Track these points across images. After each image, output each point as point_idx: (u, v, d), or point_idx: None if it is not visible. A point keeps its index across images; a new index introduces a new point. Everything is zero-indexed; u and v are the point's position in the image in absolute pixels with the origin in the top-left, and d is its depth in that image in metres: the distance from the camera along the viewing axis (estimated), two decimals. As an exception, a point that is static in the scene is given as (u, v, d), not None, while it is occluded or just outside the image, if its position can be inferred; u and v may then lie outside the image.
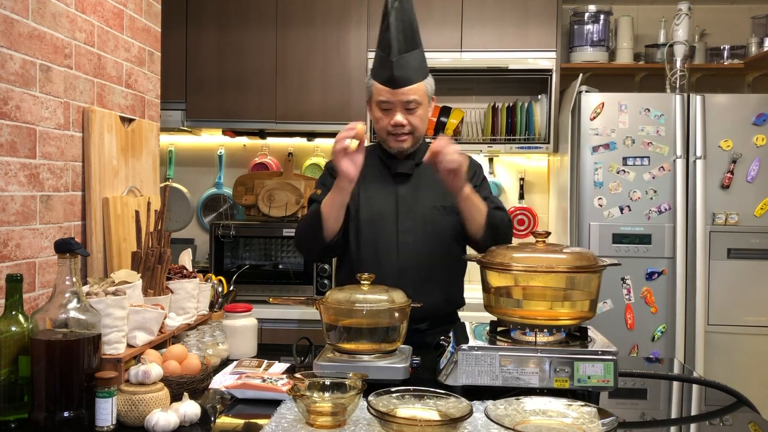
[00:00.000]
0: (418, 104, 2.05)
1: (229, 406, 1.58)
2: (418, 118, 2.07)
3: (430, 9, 3.42)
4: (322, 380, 1.50)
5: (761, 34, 3.50)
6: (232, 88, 3.48)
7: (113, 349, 1.57)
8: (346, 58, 3.45)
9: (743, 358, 3.08)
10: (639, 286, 3.10)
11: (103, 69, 2.11)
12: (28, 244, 1.72)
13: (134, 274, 1.78)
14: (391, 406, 1.40)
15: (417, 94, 2.03)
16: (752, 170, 3.08)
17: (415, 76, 2.03)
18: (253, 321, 2.06)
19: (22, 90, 1.70)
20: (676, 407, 1.82)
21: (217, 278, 2.21)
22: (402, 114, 2.04)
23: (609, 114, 3.13)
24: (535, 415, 1.40)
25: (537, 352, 1.59)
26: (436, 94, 3.22)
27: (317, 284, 3.29)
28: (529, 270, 1.69)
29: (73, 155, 1.94)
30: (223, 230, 3.31)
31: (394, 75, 1.99)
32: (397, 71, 1.99)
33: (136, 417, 1.41)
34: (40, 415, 1.37)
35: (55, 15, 1.84)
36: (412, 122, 2.06)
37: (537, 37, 3.39)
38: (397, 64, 1.99)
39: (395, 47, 1.98)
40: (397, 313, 1.73)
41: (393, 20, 1.99)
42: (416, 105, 2.04)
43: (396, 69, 1.99)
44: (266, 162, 3.77)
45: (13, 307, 1.44)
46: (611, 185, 3.12)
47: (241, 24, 3.47)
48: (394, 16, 1.99)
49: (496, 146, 3.46)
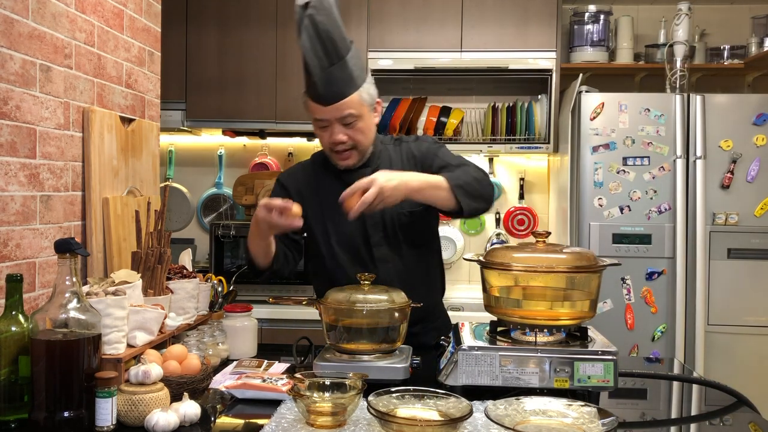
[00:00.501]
0: (356, 117, 1.90)
1: (229, 406, 1.58)
2: (359, 132, 1.93)
3: (430, 9, 3.42)
4: (322, 380, 1.50)
5: (761, 34, 3.50)
6: (232, 88, 3.48)
7: (113, 349, 1.57)
8: (346, 58, 3.44)
9: (743, 358, 3.08)
10: (639, 286, 3.10)
11: (103, 69, 2.11)
12: (28, 244, 1.72)
13: (134, 274, 1.78)
14: (391, 406, 1.40)
15: (351, 107, 1.89)
16: (752, 170, 3.08)
17: (344, 89, 1.88)
18: (253, 321, 2.06)
19: (22, 90, 1.70)
20: (676, 407, 1.82)
21: (217, 278, 2.21)
22: (340, 130, 1.92)
23: (609, 114, 3.13)
24: (535, 415, 1.40)
25: (537, 352, 1.59)
26: (436, 94, 3.18)
27: (317, 284, 3.29)
28: (529, 270, 1.69)
29: (73, 155, 1.94)
30: (223, 230, 3.31)
31: (320, 93, 1.86)
32: (323, 88, 1.86)
33: (136, 417, 1.42)
34: (40, 415, 1.38)
35: (55, 15, 1.84)
36: (353, 137, 1.93)
37: (537, 37, 3.39)
38: (321, 81, 1.85)
39: (315, 64, 1.84)
40: (397, 313, 1.73)
41: (306, 38, 1.84)
42: (353, 118, 1.90)
43: (321, 86, 1.85)
44: (266, 162, 3.77)
45: (13, 307, 1.44)
46: (611, 185, 3.12)
47: (241, 24, 3.47)
48: (306, 34, 1.84)
49: (496, 146, 3.46)
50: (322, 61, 1.85)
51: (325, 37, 1.85)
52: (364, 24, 3.43)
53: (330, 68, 1.85)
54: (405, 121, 3.45)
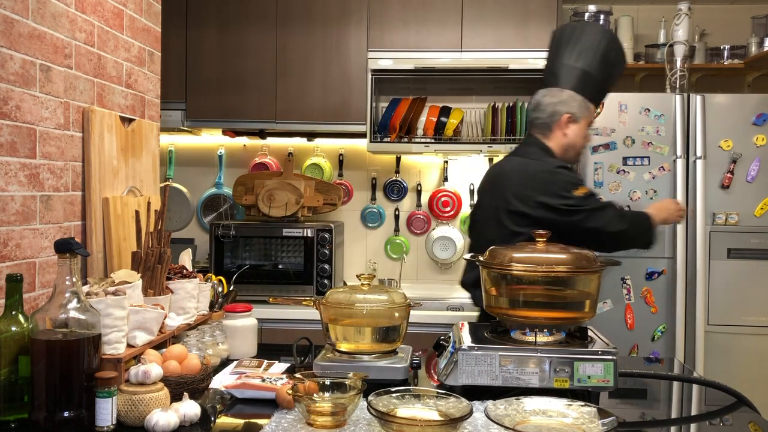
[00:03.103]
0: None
1: (229, 406, 1.58)
2: None
3: (430, 9, 3.42)
4: (322, 380, 1.50)
5: (761, 34, 3.50)
6: (232, 88, 3.48)
7: (113, 349, 1.57)
8: (346, 58, 3.45)
9: (743, 358, 3.08)
10: (639, 286, 3.10)
11: (103, 69, 2.11)
12: (28, 244, 1.73)
13: (134, 274, 1.78)
14: (391, 406, 1.40)
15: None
16: (752, 170, 3.08)
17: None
18: (253, 321, 2.06)
19: (22, 90, 1.70)
20: (676, 407, 1.82)
21: (217, 278, 2.21)
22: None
23: (609, 114, 3.13)
24: (535, 415, 1.41)
25: (537, 352, 1.59)
26: (436, 94, 3.30)
27: (317, 284, 3.29)
28: (529, 270, 1.69)
29: (73, 155, 1.94)
30: (223, 230, 3.31)
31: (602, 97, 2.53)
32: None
33: (136, 417, 1.42)
34: (40, 415, 1.38)
35: (55, 15, 1.84)
36: None
37: (537, 37, 3.39)
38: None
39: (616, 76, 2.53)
40: (397, 313, 1.73)
41: (615, 56, 2.49)
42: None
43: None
44: (266, 162, 3.77)
45: (13, 307, 1.44)
46: (611, 185, 3.12)
47: (241, 24, 3.47)
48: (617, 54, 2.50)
49: (496, 146, 3.46)
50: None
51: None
52: (364, 24, 3.43)
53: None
54: (405, 120, 3.45)
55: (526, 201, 2.27)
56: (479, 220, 2.50)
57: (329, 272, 3.28)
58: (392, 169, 3.80)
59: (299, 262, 3.30)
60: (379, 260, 3.80)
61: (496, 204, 2.34)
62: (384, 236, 3.81)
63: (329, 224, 3.32)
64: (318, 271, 3.29)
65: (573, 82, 2.43)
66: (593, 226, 2.28)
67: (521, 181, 2.32)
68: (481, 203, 2.51)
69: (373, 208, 3.80)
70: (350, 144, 3.79)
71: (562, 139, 2.43)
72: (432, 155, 3.66)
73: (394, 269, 3.74)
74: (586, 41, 2.44)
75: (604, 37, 2.46)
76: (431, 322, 3.07)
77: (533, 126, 2.50)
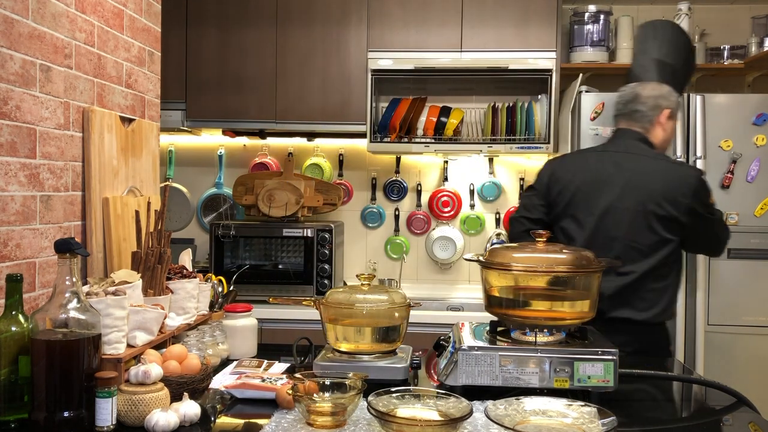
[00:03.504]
0: None
1: (229, 406, 1.58)
2: None
3: (430, 9, 3.42)
4: (322, 380, 1.50)
5: (761, 34, 3.50)
6: (232, 88, 3.48)
7: (113, 349, 1.57)
8: (346, 58, 3.45)
9: (743, 358, 3.08)
10: (639, 286, 3.10)
11: (103, 69, 2.11)
12: (28, 244, 1.73)
13: (134, 274, 1.78)
14: (391, 406, 1.40)
15: None
16: (752, 170, 3.08)
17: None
18: (253, 321, 2.06)
19: (22, 90, 1.70)
20: (676, 407, 1.82)
21: (217, 278, 2.21)
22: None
23: (609, 114, 3.12)
24: (535, 415, 1.41)
25: (537, 352, 1.59)
26: (436, 94, 3.26)
27: (317, 284, 3.29)
28: (529, 270, 1.70)
29: (73, 155, 1.94)
30: (223, 230, 3.31)
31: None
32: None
33: (136, 417, 1.42)
34: (40, 415, 1.38)
35: (55, 15, 1.84)
36: None
37: (537, 37, 3.39)
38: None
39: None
40: (397, 313, 1.73)
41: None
42: None
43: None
44: (266, 162, 3.77)
45: (13, 307, 1.44)
46: (611, 185, 3.12)
47: (241, 24, 3.47)
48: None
49: (496, 146, 3.46)
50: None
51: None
52: (364, 24, 3.43)
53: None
54: (405, 121, 3.45)
55: (677, 206, 2.19)
56: (623, 223, 2.22)
57: (329, 272, 3.28)
58: (392, 169, 3.80)
59: (299, 262, 3.30)
60: (379, 260, 3.80)
61: (644, 209, 2.20)
62: (384, 236, 3.81)
63: (329, 224, 3.32)
64: (318, 271, 3.29)
65: (667, 78, 2.39)
66: (723, 236, 2.32)
67: (670, 185, 2.22)
68: (613, 206, 2.24)
69: (373, 208, 3.80)
70: (350, 144, 3.79)
71: (661, 134, 2.36)
72: (432, 155, 3.66)
73: (394, 269, 3.74)
74: (675, 40, 2.44)
75: (687, 39, 2.50)
76: (431, 322, 3.07)
77: (630, 119, 2.37)
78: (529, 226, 2.36)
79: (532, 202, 2.41)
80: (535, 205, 2.40)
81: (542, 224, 2.37)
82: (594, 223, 2.25)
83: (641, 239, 2.20)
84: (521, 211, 2.43)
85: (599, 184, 2.27)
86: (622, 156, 2.31)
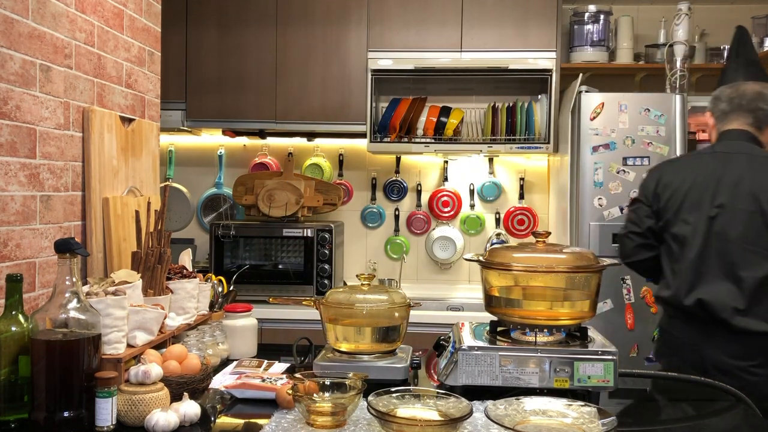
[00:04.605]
0: None
1: (229, 406, 1.58)
2: None
3: (430, 9, 3.42)
4: (322, 380, 1.50)
5: (761, 34, 3.50)
6: (232, 88, 3.48)
7: (113, 349, 1.57)
8: (346, 58, 3.45)
9: (743, 358, 3.07)
10: (639, 286, 3.10)
11: (103, 69, 2.11)
12: (28, 244, 1.73)
13: (134, 274, 1.78)
14: (391, 406, 1.40)
15: None
16: (752, 170, 3.07)
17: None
18: (253, 321, 2.06)
19: (22, 90, 1.70)
20: (676, 407, 1.82)
21: (217, 278, 2.21)
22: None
23: (609, 114, 3.13)
24: (535, 415, 1.41)
25: (537, 352, 1.59)
26: (436, 94, 3.23)
27: (317, 284, 3.29)
28: (529, 270, 1.70)
29: (73, 155, 1.94)
30: (223, 230, 3.31)
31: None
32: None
33: (136, 417, 1.42)
34: (40, 415, 1.38)
35: (55, 15, 1.84)
36: None
37: (537, 37, 3.39)
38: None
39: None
40: (397, 313, 1.73)
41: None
42: None
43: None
44: (266, 162, 3.77)
45: (13, 307, 1.44)
46: (611, 185, 3.12)
47: (241, 24, 3.47)
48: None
49: (496, 146, 3.46)
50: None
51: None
52: (364, 24, 3.43)
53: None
54: (405, 121, 3.45)
55: None
56: (739, 223, 2.14)
57: (329, 272, 3.28)
58: (392, 169, 3.80)
59: (299, 262, 3.30)
60: (379, 260, 3.80)
61: (760, 209, 2.11)
62: (384, 236, 3.81)
63: (329, 224, 3.32)
64: (318, 271, 3.29)
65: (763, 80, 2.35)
66: None
67: None
68: (726, 206, 2.15)
69: (373, 208, 3.80)
70: (350, 144, 3.79)
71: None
72: (432, 155, 3.66)
73: (394, 269, 3.74)
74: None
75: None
76: (431, 322, 3.07)
77: (749, 116, 2.29)
78: (639, 241, 2.30)
79: (639, 215, 2.33)
80: (641, 218, 2.32)
81: (652, 234, 2.30)
82: (707, 226, 2.15)
83: (759, 241, 2.10)
84: (628, 227, 2.36)
85: (710, 185, 2.19)
86: (735, 156, 2.22)
